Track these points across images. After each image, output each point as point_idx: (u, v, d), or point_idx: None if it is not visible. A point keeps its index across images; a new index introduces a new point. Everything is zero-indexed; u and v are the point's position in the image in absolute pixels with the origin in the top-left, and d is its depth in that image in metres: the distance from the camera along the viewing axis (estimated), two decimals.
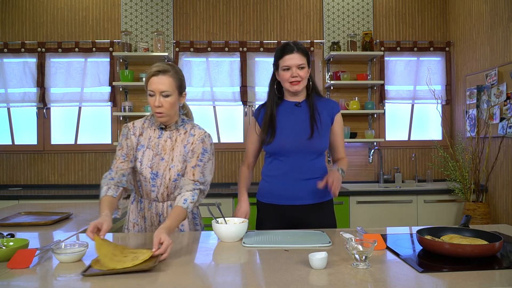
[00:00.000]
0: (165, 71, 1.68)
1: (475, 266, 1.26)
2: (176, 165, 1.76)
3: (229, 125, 4.14)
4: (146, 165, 1.77)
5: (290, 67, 1.88)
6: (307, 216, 1.93)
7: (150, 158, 1.77)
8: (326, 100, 2.01)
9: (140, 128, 1.82)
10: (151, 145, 1.78)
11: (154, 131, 1.81)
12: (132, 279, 1.19)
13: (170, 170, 1.76)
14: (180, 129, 1.81)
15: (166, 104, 1.69)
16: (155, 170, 1.76)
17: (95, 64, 3.97)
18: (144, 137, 1.80)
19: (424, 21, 4.18)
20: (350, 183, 3.98)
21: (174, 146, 1.78)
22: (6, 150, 4.02)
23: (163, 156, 1.77)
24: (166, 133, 1.80)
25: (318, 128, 1.92)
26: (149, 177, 1.77)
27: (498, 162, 3.42)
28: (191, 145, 1.77)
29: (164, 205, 1.83)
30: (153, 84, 1.67)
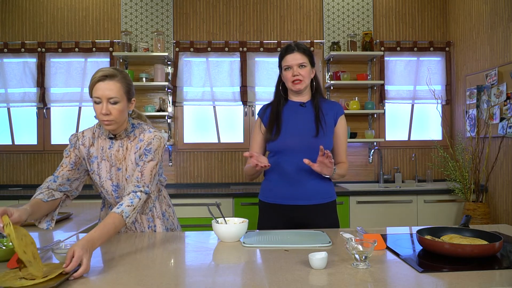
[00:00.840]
0: (112, 76, 1.56)
1: (475, 266, 1.26)
2: (131, 175, 1.65)
3: (229, 125, 4.14)
4: (105, 177, 1.68)
5: (291, 66, 1.91)
6: (309, 216, 1.93)
7: (108, 170, 1.68)
8: (330, 102, 2.03)
9: (90, 138, 1.70)
10: (105, 156, 1.68)
11: (105, 140, 1.69)
12: (131, 278, 1.19)
13: (126, 180, 1.67)
14: (130, 136, 1.69)
15: (114, 111, 1.56)
16: (115, 182, 1.69)
17: (95, 64, 3.97)
18: (96, 147, 1.70)
19: (424, 21, 4.18)
20: (350, 183, 3.98)
21: (125, 155, 1.67)
22: (6, 150, 4.02)
23: (118, 166, 1.67)
24: (117, 142, 1.69)
25: (323, 128, 1.92)
26: (111, 190, 1.70)
27: (498, 162, 3.42)
28: (140, 150, 1.66)
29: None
30: (99, 90, 1.54)
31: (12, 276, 1.16)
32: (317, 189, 1.92)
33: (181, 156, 4.06)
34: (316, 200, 1.93)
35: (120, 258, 1.43)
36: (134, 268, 1.30)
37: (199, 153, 4.07)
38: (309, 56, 1.94)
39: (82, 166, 1.73)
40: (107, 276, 1.24)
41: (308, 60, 1.93)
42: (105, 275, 1.25)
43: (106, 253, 1.49)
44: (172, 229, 1.89)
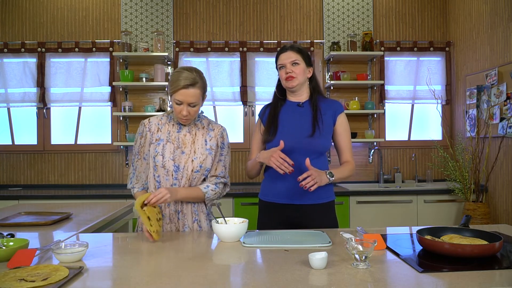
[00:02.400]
0: (194, 84, 1.73)
1: (475, 266, 1.26)
2: (199, 157, 1.83)
3: (229, 125, 4.13)
4: (168, 157, 1.82)
5: (284, 64, 1.95)
6: (308, 216, 1.93)
7: (171, 151, 1.83)
8: (330, 101, 2.02)
9: (156, 124, 1.89)
10: (171, 139, 1.85)
11: (173, 126, 1.88)
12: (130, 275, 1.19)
13: (192, 162, 1.82)
14: (197, 124, 1.90)
15: (192, 112, 1.77)
16: (177, 163, 1.82)
17: (95, 64, 3.97)
18: (162, 132, 1.87)
19: (424, 21, 4.18)
20: (350, 183, 3.98)
21: (194, 140, 1.86)
22: (6, 150, 4.02)
23: (183, 149, 1.84)
24: (185, 127, 1.88)
25: (319, 128, 1.92)
26: (172, 170, 1.81)
27: (498, 162, 3.42)
28: (214, 139, 1.88)
29: (183, 201, 1.85)
30: (181, 96, 1.73)
31: (12, 277, 1.16)
32: (315, 189, 1.92)
33: None
34: (315, 200, 1.93)
35: (120, 258, 1.43)
36: (134, 267, 1.30)
37: None
38: (303, 55, 1.95)
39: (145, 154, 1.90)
40: (107, 276, 1.24)
41: (301, 58, 1.94)
42: (104, 275, 1.25)
43: (105, 252, 1.49)
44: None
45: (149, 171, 1.89)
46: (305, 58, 1.96)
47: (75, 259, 1.35)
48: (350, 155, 2.02)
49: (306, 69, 1.96)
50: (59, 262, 1.34)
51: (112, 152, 4.04)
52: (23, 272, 1.20)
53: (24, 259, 1.31)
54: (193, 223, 1.87)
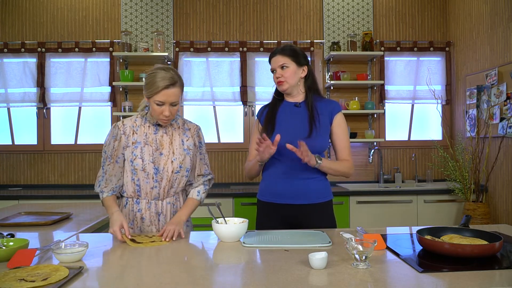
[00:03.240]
0: (174, 83, 1.72)
1: (475, 266, 1.26)
2: (178, 158, 1.83)
3: (229, 125, 4.14)
4: (148, 160, 1.80)
5: (275, 69, 1.97)
6: (306, 216, 1.93)
7: (150, 153, 1.81)
8: (327, 101, 2.02)
9: (131, 127, 1.84)
10: (149, 141, 1.82)
11: (149, 127, 1.85)
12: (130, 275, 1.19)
13: (172, 163, 1.82)
14: (173, 124, 1.89)
15: (173, 111, 1.76)
16: (156, 165, 1.80)
17: (95, 64, 3.97)
18: (139, 134, 1.83)
19: (424, 21, 4.18)
20: (350, 183, 3.98)
21: (172, 140, 1.85)
22: (6, 150, 4.02)
23: (161, 151, 1.83)
24: (162, 129, 1.86)
25: (316, 128, 1.92)
26: (152, 172, 1.80)
27: (498, 162, 3.42)
28: (191, 139, 1.89)
29: (163, 203, 1.86)
30: (163, 96, 1.70)
31: (12, 277, 1.16)
32: (312, 189, 1.93)
33: None
34: (312, 200, 1.93)
35: (120, 258, 1.43)
36: (134, 268, 1.30)
37: None
38: (292, 56, 1.94)
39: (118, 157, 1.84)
40: (107, 276, 1.24)
41: (290, 60, 1.93)
42: (104, 275, 1.25)
43: (105, 252, 1.49)
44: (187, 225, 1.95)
45: (126, 175, 1.83)
46: (295, 59, 1.94)
47: (75, 259, 1.35)
48: (347, 154, 2.00)
49: (298, 69, 1.95)
50: (59, 262, 1.34)
51: None
52: (23, 272, 1.20)
53: (24, 259, 1.31)
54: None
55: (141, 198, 1.84)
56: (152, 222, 1.85)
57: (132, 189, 1.84)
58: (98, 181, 1.86)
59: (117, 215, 1.71)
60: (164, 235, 1.64)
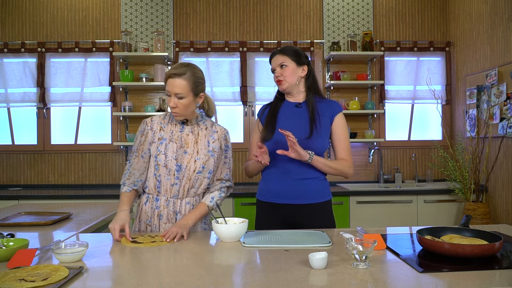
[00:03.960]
0: (180, 74, 1.72)
1: (475, 266, 1.26)
2: (202, 158, 1.82)
3: (229, 125, 4.09)
4: (171, 157, 1.80)
5: (274, 68, 1.99)
6: (305, 216, 1.93)
7: (174, 150, 1.81)
8: (328, 101, 2.02)
9: (158, 123, 1.86)
10: (174, 139, 1.83)
11: (176, 125, 1.86)
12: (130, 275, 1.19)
13: (195, 162, 1.81)
14: (200, 124, 1.89)
15: (180, 105, 1.74)
16: (179, 162, 1.80)
17: (95, 64, 3.97)
18: (165, 131, 1.85)
19: (424, 21, 4.18)
20: (350, 183, 3.98)
21: (197, 140, 1.85)
22: (6, 150, 4.02)
23: (186, 149, 1.82)
24: (188, 127, 1.86)
25: (317, 129, 1.92)
26: (174, 169, 1.79)
27: (498, 162, 3.42)
28: (217, 142, 1.88)
29: (182, 202, 1.84)
30: (168, 86, 1.73)
31: (12, 277, 1.16)
32: (312, 189, 1.93)
33: None
34: (311, 200, 1.93)
35: (120, 258, 1.43)
36: (134, 268, 1.30)
37: None
38: (292, 56, 1.95)
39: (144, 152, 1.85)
40: (107, 276, 1.24)
41: (290, 60, 1.94)
42: (104, 275, 1.25)
43: (105, 252, 1.49)
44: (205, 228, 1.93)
45: (149, 170, 1.85)
46: (294, 58, 1.95)
47: (75, 259, 1.35)
48: (347, 154, 2.00)
49: (297, 68, 1.96)
50: (59, 262, 1.34)
51: (112, 152, 4.04)
52: (23, 272, 1.20)
53: (24, 259, 1.31)
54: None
55: (161, 195, 1.84)
56: (169, 220, 1.83)
57: (153, 184, 1.84)
58: (124, 173, 1.89)
59: (124, 214, 1.72)
60: (166, 235, 1.62)
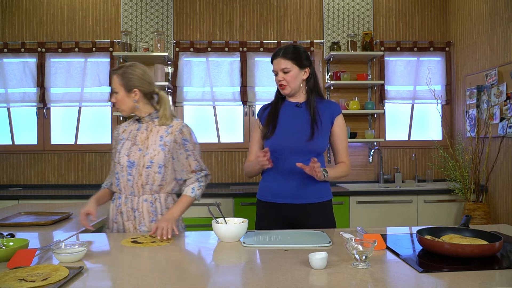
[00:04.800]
0: (114, 71, 1.89)
1: (475, 266, 1.26)
2: (150, 153, 1.86)
3: (229, 125, 4.14)
4: (123, 154, 1.89)
5: (276, 71, 1.96)
6: (305, 215, 1.93)
7: (127, 147, 1.91)
8: (327, 102, 2.02)
9: (124, 127, 2.01)
10: (130, 137, 1.94)
11: (135, 125, 1.97)
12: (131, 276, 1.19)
13: (144, 157, 1.86)
14: (155, 121, 1.94)
15: (116, 100, 1.89)
16: (132, 159, 1.87)
17: (95, 64, 3.97)
18: (126, 132, 1.97)
19: (424, 21, 4.18)
20: (350, 183, 3.98)
21: (149, 136, 1.91)
22: (6, 150, 4.02)
23: (140, 146, 1.89)
24: (144, 125, 1.94)
25: (318, 130, 1.92)
26: (126, 165, 1.87)
27: (498, 162, 3.42)
28: (170, 135, 1.89)
29: (139, 199, 1.88)
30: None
31: (12, 277, 1.16)
32: (312, 189, 1.93)
33: None
34: (311, 199, 1.93)
35: (120, 258, 1.43)
36: (134, 268, 1.30)
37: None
38: (295, 60, 1.93)
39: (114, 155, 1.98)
40: (107, 276, 1.24)
41: (293, 64, 1.92)
42: (104, 275, 1.25)
43: (105, 252, 1.49)
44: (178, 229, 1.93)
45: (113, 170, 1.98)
46: (298, 62, 1.93)
47: (75, 259, 1.35)
48: (345, 155, 2.02)
49: (300, 72, 1.95)
50: (59, 262, 1.34)
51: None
52: (23, 272, 1.20)
53: (24, 259, 1.31)
54: (150, 223, 1.87)
55: (122, 193, 1.91)
56: (128, 218, 1.88)
57: (115, 182, 1.93)
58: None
59: (90, 202, 1.92)
60: (157, 233, 1.64)
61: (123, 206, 1.90)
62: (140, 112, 1.93)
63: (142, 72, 1.90)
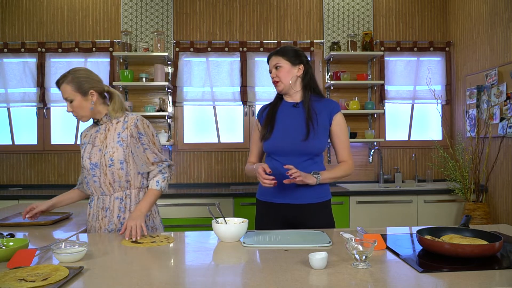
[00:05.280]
0: (60, 80, 1.84)
1: (475, 266, 1.26)
2: (109, 151, 1.87)
3: (229, 125, 4.14)
4: (86, 157, 1.91)
5: (271, 69, 2.00)
6: (304, 215, 1.93)
7: (89, 151, 1.92)
8: (326, 101, 2.02)
9: (85, 132, 2.01)
10: (91, 141, 1.95)
11: (93, 128, 1.98)
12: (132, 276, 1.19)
13: (104, 157, 1.86)
14: (113, 120, 1.93)
15: (74, 108, 1.85)
16: (94, 161, 1.88)
17: (95, 64, 3.97)
18: (87, 136, 1.98)
19: (424, 21, 4.18)
20: (350, 183, 3.98)
21: (107, 135, 1.91)
22: (6, 150, 4.02)
23: (100, 147, 1.90)
24: (102, 126, 1.94)
25: (314, 130, 1.92)
26: (89, 167, 1.88)
27: (498, 162, 3.42)
28: (126, 130, 1.88)
29: (111, 198, 1.89)
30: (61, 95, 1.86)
31: (12, 277, 1.16)
32: (311, 189, 1.93)
33: (181, 156, 4.06)
34: (310, 200, 1.93)
35: (120, 258, 1.43)
36: (134, 268, 1.30)
37: (199, 153, 4.07)
38: (286, 56, 1.95)
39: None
40: (107, 276, 1.24)
41: (284, 60, 1.94)
42: (104, 275, 1.25)
43: (105, 252, 1.49)
44: (152, 227, 1.95)
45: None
46: (289, 58, 1.95)
47: (75, 259, 1.35)
48: (347, 154, 2.01)
49: (292, 68, 1.95)
50: (59, 262, 1.34)
51: None
52: (23, 272, 1.20)
53: (24, 259, 1.31)
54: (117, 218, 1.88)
55: (94, 195, 1.93)
56: (101, 218, 1.89)
57: (86, 187, 1.95)
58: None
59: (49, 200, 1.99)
60: (126, 234, 1.66)
61: (95, 208, 1.92)
62: (98, 113, 1.92)
63: (88, 72, 1.90)
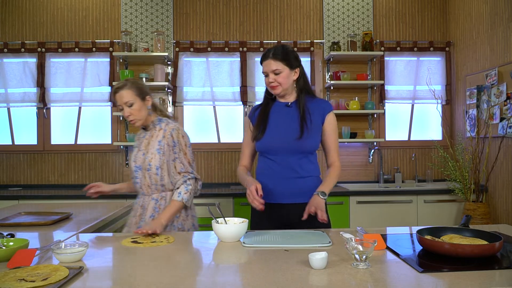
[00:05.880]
0: (121, 87, 1.99)
1: (475, 266, 1.26)
2: (149, 156, 2.02)
3: (229, 125, 4.14)
4: (132, 160, 2.10)
5: (267, 73, 1.95)
6: (300, 215, 1.93)
7: (135, 154, 2.10)
8: (318, 101, 2.02)
9: (137, 135, 2.18)
10: (137, 144, 2.13)
11: (142, 133, 2.15)
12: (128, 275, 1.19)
13: (145, 161, 2.03)
14: (156, 127, 2.08)
15: (133, 111, 1.99)
16: (137, 164, 2.05)
17: (95, 64, 3.97)
18: (137, 140, 2.15)
19: (424, 21, 4.18)
20: (350, 183, 3.98)
21: (150, 141, 2.06)
22: (6, 150, 4.02)
23: (143, 152, 2.06)
24: (148, 133, 2.10)
25: (308, 129, 1.93)
26: (133, 169, 2.08)
27: (498, 162, 3.42)
28: (164, 139, 2.02)
29: (148, 198, 2.06)
30: (117, 100, 1.99)
31: (12, 277, 1.16)
32: (306, 187, 1.93)
33: None
34: (304, 199, 1.93)
35: (120, 258, 1.43)
36: (134, 268, 1.30)
37: (199, 153, 4.07)
38: (285, 60, 1.91)
39: None
40: (107, 276, 1.24)
41: (283, 65, 1.91)
42: (104, 275, 1.25)
43: (105, 252, 1.49)
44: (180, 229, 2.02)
45: None
46: (288, 63, 1.92)
47: (75, 259, 1.35)
48: (336, 156, 2.02)
49: (291, 72, 1.95)
50: (59, 262, 1.34)
51: (112, 152, 4.04)
52: (23, 272, 1.20)
53: (24, 259, 1.31)
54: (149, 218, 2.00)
55: (139, 194, 2.12)
56: (139, 214, 2.06)
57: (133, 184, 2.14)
58: None
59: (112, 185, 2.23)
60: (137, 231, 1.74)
61: (136, 205, 2.10)
62: (148, 120, 2.07)
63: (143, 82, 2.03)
